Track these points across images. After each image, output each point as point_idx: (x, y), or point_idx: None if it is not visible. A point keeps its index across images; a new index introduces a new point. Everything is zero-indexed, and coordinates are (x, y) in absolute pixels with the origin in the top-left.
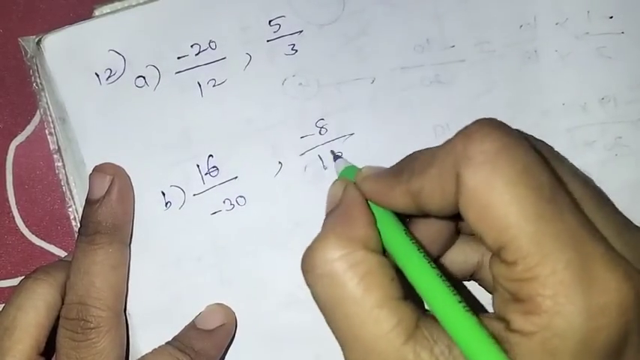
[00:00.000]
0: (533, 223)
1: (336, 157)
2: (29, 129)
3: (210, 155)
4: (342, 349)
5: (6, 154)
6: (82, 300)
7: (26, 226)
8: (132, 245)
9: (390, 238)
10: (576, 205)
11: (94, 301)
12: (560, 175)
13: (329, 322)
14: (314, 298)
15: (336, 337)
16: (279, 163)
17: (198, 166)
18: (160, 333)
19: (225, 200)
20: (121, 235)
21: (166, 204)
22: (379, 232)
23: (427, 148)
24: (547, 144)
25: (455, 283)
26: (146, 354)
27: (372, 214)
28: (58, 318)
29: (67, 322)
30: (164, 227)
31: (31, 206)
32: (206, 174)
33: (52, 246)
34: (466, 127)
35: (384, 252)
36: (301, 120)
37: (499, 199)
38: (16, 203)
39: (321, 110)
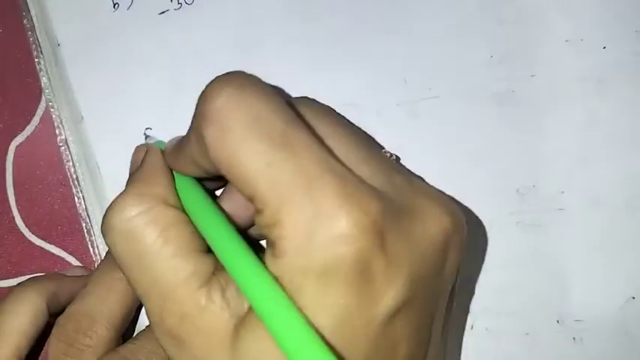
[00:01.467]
0: (266, 172)
1: (146, 136)
2: (29, 129)
3: None
4: (143, 302)
5: (6, 154)
6: (90, 311)
7: (26, 226)
8: (79, 50)
9: (187, 197)
10: (317, 145)
11: (104, 316)
12: (308, 119)
13: (130, 279)
14: (115, 257)
15: (137, 292)
16: None
17: None
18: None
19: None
20: None
21: (114, 5)
22: (178, 194)
23: None
24: (311, 99)
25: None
26: (140, 331)
27: (172, 176)
28: (45, 329)
29: (61, 333)
30: (112, 29)
31: (31, 206)
32: None
33: (52, 246)
34: (204, 88)
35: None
36: None
37: (235, 154)
38: (16, 203)
39: None
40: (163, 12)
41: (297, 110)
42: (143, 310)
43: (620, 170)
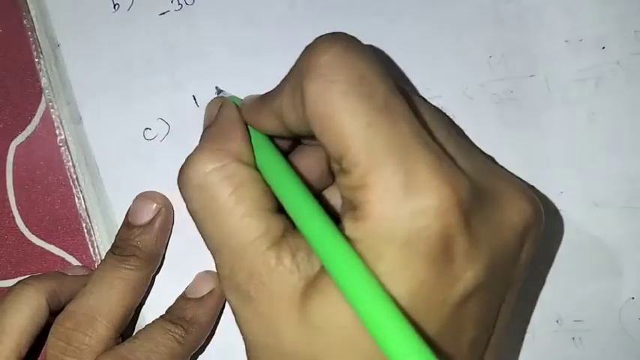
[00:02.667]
0: (364, 132)
1: (219, 91)
2: (29, 129)
3: None
4: (214, 257)
5: (6, 154)
6: (90, 310)
7: (26, 227)
8: (79, 51)
9: (262, 155)
10: (414, 117)
11: (104, 315)
12: (407, 94)
13: (202, 233)
14: (189, 210)
15: (208, 246)
16: None
17: None
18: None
19: (172, 0)
20: (155, 264)
21: (114, 6)
22: (253, 151)
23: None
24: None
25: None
26: (139, 330)
27: (248, 132)
28: (46, 327)
29: (60, 331)
30: (113, 30)
31: (32, 206)
32: None
33: (53, 246)
34: (310, 44)
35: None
36: None
37: (335, 109)
38: (16, 203)
39: None
40: (164, 13)
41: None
42: (143, 309)
43: (620, 170)
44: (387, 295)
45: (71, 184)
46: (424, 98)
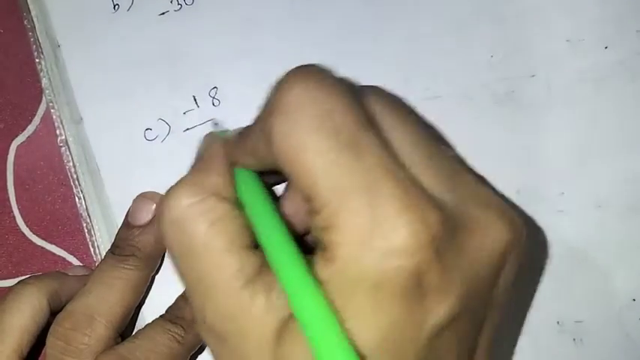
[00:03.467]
0: (329, 170)
1: (215, 124)
2: (30, 129)
3: None
4: (188, 295)
5: (7, 154)
6: (89, 309)
7: (27, 226)
8: (79, 51)
9: (244, 190)
10: (384, 149)
11: (103, 314)
12: (380, 119)
13: (178, 269)
14: (166, 245)
15: (183, 283)
16: None
17: None
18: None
19: (172, 1)
20: (154, 264)
21: (114, 6)
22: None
23: None
24: (381, 90)
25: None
26: (139, 330)
27: (230, 168)
28: (47, 326)
29: (59, 331)
30: (113, 30)
31: (32, 206)
32: None
33: (53, 246)
34: (278, 79)
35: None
36: None
37: (300, 147)
38: (17, 203)
39: None
40: (163, 13)
41: (367, 101)
42: (143, 308)
43: (621, 171)
44: (346, 342)
45: (72, 184)
46: (410, 111)
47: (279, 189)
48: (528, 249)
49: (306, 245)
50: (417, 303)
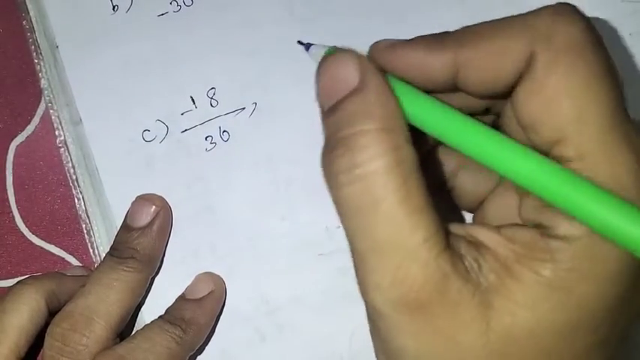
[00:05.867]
0: (600, 124)
1: (307, 45)
2: (29, 129)
3: None
4: (364, 261)
5: (6, 154)
6: (88, 310)
7: (26, 226)
8: (78, 52)
9: (413, 104)
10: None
11: (101, 316)
12: None
13: (354, 230)
14: (339, 202)
15: (359, 246)
16: None
17: None
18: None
19: (172, 2)
20: (153, 266)
21: (113, 7)
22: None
23: (483, 23)
24: None
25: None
26: (137, 330)
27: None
28: (44, 328)
29: (57, 332)
30: (112, 31)
31: (31, 206)
32: None
33: (52, 246)
34: (550, 6)
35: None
36: None
37: (574, 91)
38: (16, 203)
39: None
40: (162, 14)
41: None
42: (142, 309)
43: None
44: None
45: (71, 184)
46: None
47: None
48: None
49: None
50: None
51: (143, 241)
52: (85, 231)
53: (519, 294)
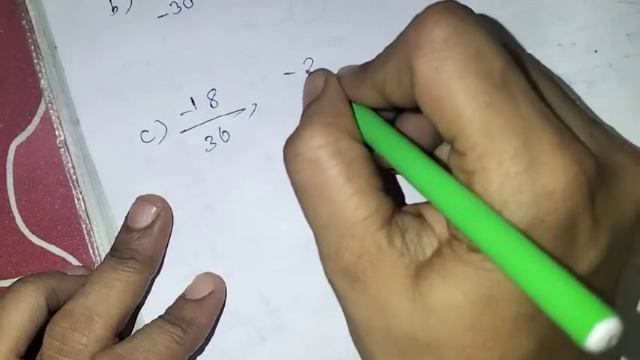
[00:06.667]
0: (481, 112)
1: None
2: (30, 129)
3: None
4: (317, 236)
5: (6, 154)
6: (87, 310)
7: (26, 226)
8: (77, 53)
9: (371, 129)
10: (532, 91)
11: (101, 315)
12: (523, 63)
13: (307, 209)
14: (294, 185)
15: (312, 224)
16: None
17: None
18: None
19: (171, 3)
20: (153, 267)
21: (113, 9)
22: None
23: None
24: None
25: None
26: (137, 330)
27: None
28: (44, 326)
29: (56, 331)
30: (111, 33)
31: (32, 206)
32: None
33: (53, 246)
34: (418, 15)
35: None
36: None
37: (448, 88)
38: (17, 203)
39: None
40: (162, 16)
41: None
42: (142, 309)
43: None
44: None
45: (71, 184)
46: (535, 59)
47: None
48: None
49: None
50: (568, 248)
51: (144, 242)
52: (85, 231)
53: (445, 270)
